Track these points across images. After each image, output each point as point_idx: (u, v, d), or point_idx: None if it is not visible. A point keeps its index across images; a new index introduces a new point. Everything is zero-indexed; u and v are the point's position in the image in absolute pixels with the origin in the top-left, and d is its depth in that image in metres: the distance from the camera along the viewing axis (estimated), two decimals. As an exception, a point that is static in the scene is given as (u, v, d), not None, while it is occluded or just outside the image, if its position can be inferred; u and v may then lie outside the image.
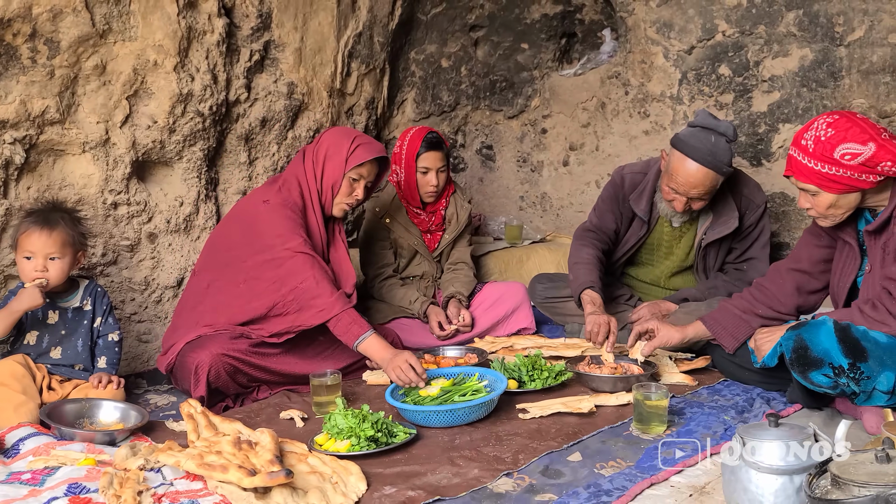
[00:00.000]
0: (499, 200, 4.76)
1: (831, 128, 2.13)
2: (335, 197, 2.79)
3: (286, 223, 2.64)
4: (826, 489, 1.36)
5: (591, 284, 2.87)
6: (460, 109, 4.63)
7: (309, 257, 2.61)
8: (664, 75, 3.86)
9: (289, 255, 2.59)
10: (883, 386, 2.03)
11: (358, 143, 2.77)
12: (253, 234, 2.65)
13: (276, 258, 2.60)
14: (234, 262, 2.67)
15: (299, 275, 2.57)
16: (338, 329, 2.55)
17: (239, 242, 2.68)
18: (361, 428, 2.10)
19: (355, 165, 2.74)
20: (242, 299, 2.65)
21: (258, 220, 2.67)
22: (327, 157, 2.76)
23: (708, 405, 2.44)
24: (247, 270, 2.65)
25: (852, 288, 2.39)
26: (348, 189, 2.78)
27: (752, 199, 3.04)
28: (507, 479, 1.94)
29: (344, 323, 2.54)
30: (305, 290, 2.56)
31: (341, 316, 2.54)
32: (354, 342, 2.53)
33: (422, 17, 4.25)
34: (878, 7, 3.17)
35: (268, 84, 3.32)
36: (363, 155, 2.75)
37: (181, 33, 2.85)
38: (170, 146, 2.94)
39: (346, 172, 2.74)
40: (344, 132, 2.85)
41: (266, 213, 2.66)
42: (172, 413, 2.51)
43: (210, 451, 1.90)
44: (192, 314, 2.68)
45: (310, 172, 2.78)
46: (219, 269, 2.70)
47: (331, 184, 2.77)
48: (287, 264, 2.59)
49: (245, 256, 2.65)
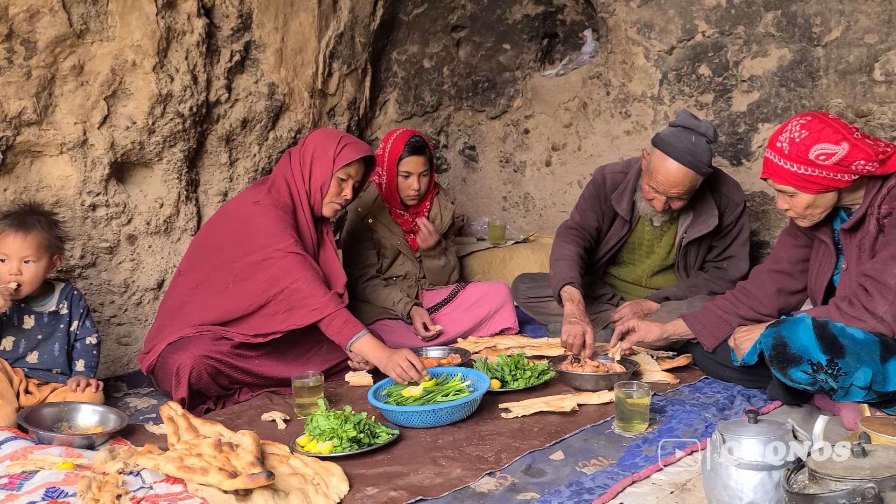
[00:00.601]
0: (482, 201, 4.76)
1: (805, 129, 2.16)
2: (324, 197, 2.78)
3: (278, 224, 2.64)
4: (804, 484, 1.38)
5: (570, 280, 2.88)
6: (443, 110, 4.63)
7: (300, 257, 2.60)
8: (645, 75, 3.88)
9: (280, 255, 2.59)
10: (860, 382, 2.05)
11: (345, 142, 2.77)
12: (244, 235, 2.64)
13: (267, 259, 2.59)
14: (223, 263, 2.66)
15: (291, 275, 2.57)
16: (331, 329, 2.55)
17: (229, 243, 2.67)
18: (344, 429, 2.10)
19: (343, 165, 2.74)
20: (231, 300, 2.63)
21: (250, 222, 2.66)
22: (314, 157, 2.76)
23: (689, 403, 2.46)
24: (237, 271, 2.63)
25: (829, 286, 2.42)
26: (337, 189, 2.78)
27: (732, 197, 3.06)
28: (490, 479, 1.94)
29: (337, 323, 2.53)
30: (297, 291, 2.55)
31: (334, 316, 2.53)
32: (348, 342, 2.52)
33: (403, 17, 4.25)
34: (854, 8, 3.20)
35: (248, 85, 3.30)
36: (350, 154, 2.75)
37: (160, 33, 2.83)
38: (149, 147, 2.91)
39: (334, 172, 2.74)
40: (330, 133, 2.86)
41: (257, 215, 2.66)
42: (152, 416, 2.49)
43: (190, 453, 1.89)
44: (178, 314, 2.66)
45: (297, 174, 2.77)
46: (207, 270, 2.68)
47: (319, 184, 2.76)
48: (279, 264, 2.58)
49: (235, 257, 2.64)
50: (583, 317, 2.76)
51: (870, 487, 1.24)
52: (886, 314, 2.10)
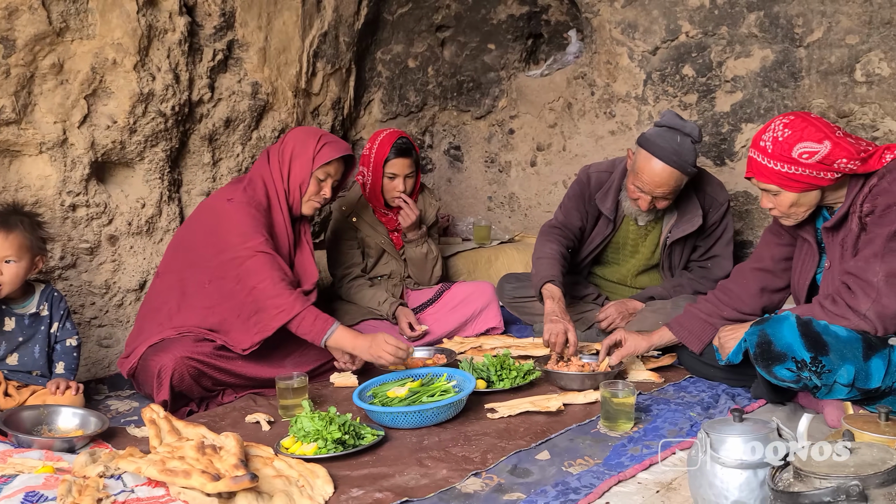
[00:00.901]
0: (467, 201, 4.76)
1: (788, 128, 2.17)
2: (303, 196, 2.76)
3: (249, 222, 2.61)
4: (789, 482, 1.38)
5: (551, 278, 2.88)
6: (427, 110, 4.62)
7: (269, 257, 2.58)
8: (629, 76, 3.89)
9: (249, 253, 2.56)
10: (843, 379, 2.06)
11: (324, 141, 2.75)
12: (216, 233, 2.62)
13: (236, 257, 2.57)
14: (199, 262, 2.63)
15: (257, 275, 2.54)
16: (302, 328, 2.53)
17: (202, 242, 2.64)
18: (328, 430, 2.08)
19: (322, 164, 2.72)
20: (211, 300, 2.61)
21: (222, 219, 2.63)
22: (293, 156, 2.74)
23: (674, 402, 2.47)
24: (213, 270, 2.61)
25: (812, 285, 2.43)
26: (316, 188, 2.76)
27: (716, 197, 3.08)
28: (476, 479, 1.93)
29: (308, 321, 2.52)
30: (263, 290, 2.53)
31: (304, 314, 2.52)
32: (322, 338, 2.51)
33: (388, 16, 4.24)
34: (835, 9, 3.23)
35: (232, 84, 3.28)
36: (330, 153, 2.74)
37: (141, 31, 2.80)
38: (130, 147, 2.88)
39: (313, 171, 2.72)
40: (309, 131, 2.83)
41: (230, 212, 2.63)
42: (134, 419, 2.46)
43: (173, 456, 1.86)
44: (157, 316, 2.63)
45: (276, 172, 2.75)
46: (184, 270, 2.66)
47: (298, 183, 2.74)
48: (246, 263, 2.56)
49: (210, 256, 2.62)
50: (563, 314, 2.76)
51: (854, 485, 1.24)
52: (869, 311, 2.12)
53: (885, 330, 2.13)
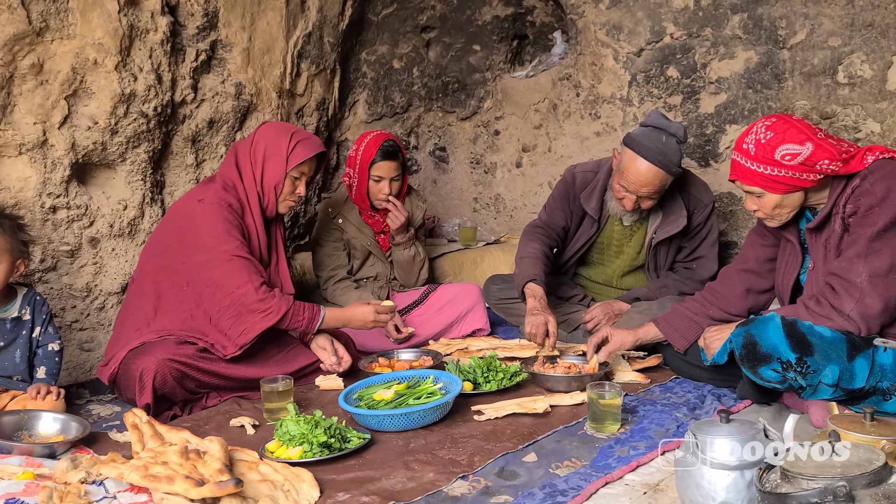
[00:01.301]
0: (452, 202, 4.75)
1: (770, 130, 2.19)
2: (279, 197, 2.72)
3: (222, 224, 2.57)
4: (776, 483, 1.38)
5: (533, 277, 2.89)
6: (413, 111, 4.61)
7: (245, 261, 2.55)
8: (614, 77, 3.90)
9: (225, 258, 2.53)
10: (828, 379, 2.07)
11: (297, 139, 2.69)
12: (188, 235, 2.57)
13: (210, 260, 2.54)
14: (173, 266, 2.59)
15: (237, 279, 2.52)
16: (293, 323, 2.57)
17: (174, 245, 2.60)
18: (314, 434, 2.06)
19: (296, 164, 2.68)
20: (189, 303, 2.58)
21: (193, 221, 2.59)
22: (266, 156, 2.68)
23: (660, 403, 2.47)
24: (188, 273, 2.58)
25: (796, 286, 2.45)
26: (291, 188, 2.72)
27: (700, 198, 3.09)
28: (463, 482, 1.92)
29: (298, 315, 2.58)
30: (245, 295, 2.51)
31: (292, 310, 2.56)
32: (316, 324, 2.61)
33: (372, 17, 4.22)
34: (818, 11, 3.25)
35: (215, 84, 3.25)
36: (304, 152, 2.68)
37: (122, 31, 2.77)
38: (112, 148, 2.85)
39: (287, 172, 2.68)
40: (280, 128, 2.75)
41: (201, 214, 2.58)
42: (116, 423, 2.43)
43: (155, 461, 1.84)
44: (134, 321, 2.59)
45: (248, 174, 2.69)
46: (158, 274, 2.62)
47: (273, 184, 2.69)
48: (223, 268, 2.53)
49: (184, 258, 2.58)
50: (545, 309, 2.77)
51: (841, 486, 1.25)
52: (853, 312, 2.13)
53: (868, 330, 2.14)
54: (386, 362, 2.88)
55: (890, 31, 3.08)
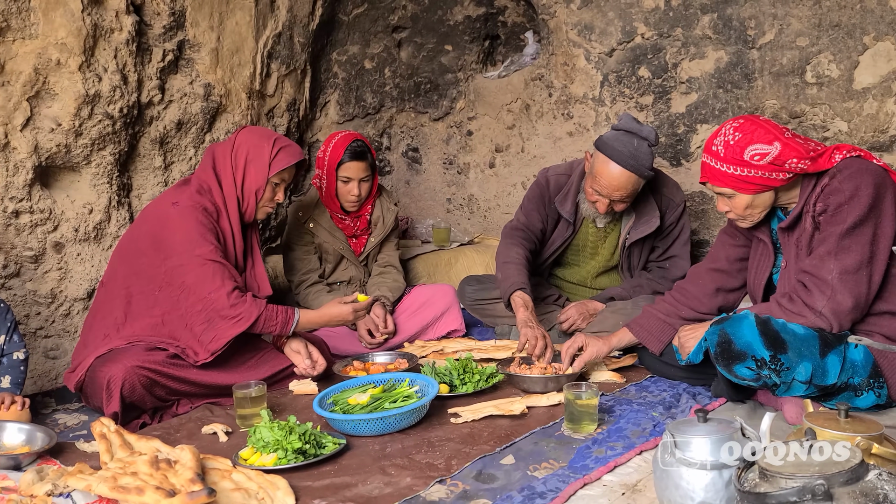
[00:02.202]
0: (426, 203, 4.73)
1: (738, 131, 2.20)
2: (258, 202, 2.69)
3: (197, 228, 2.53)
4: (754, 482, 1.38)
5: (521, 286, 2.86)
6: (385, 111, 4.58)
7: (219, 266, 2.51)
8: (586, 77, 3.91)
9: (198, 262, 2.49)
10: (801, 376, 2.09)
11: (279, 146, 2.67)
12: (162, 239, 2.52)
13: (182, 265, 2.49)
14: (144, 270, 2.54)
15: (209, 284, 2.47)
16: (266, 328, 2.54)
17: (148, 248, 2.55)
18: (288, 440, 2.03)
19: (278, 171, 2.65)
20: (161, 308, 2.53)
21: (167, 224, 2.54)
22: (248, 161, 2.65)
23: (636, 402, 2.47)
24: (161, 277, 2.53)
25: (768, 284, 2.47)
26: (271, 194, 2.70)
27: (672, 198, 3.11)
28: (441, 486, 1.90)
29: (271, 319, 2.55)
30: (218, 300, 2.47)
31: (264, 315, 2.53)
32: (291, 326, 2.59)
33: (343, 17, 4.18)
34: (786, 11, 3.29)
35: (183, 85, 3.19)
36: (287, 159, 2.66)
37: (86, 31, 2.70)
38: (76, 150, 2.78)
39: (269, 178, 2.65)
40: (262, 134, 2.73)
41: (175, 217, 2.54)
42: (83, 433, 2.37)
43: (125, 472, 1.79)
44: (102, 327, 2.53)
45: (227, 177, 2.65)
46: (129, 278, 2.56)
47: (254, 189, 2.66)
48: (196, 272, 2.48)
49: (157, 263, 2.53)
50: (538, 323, 2.75)
51: (819, 484, 1.25)
52: (825, 309, 2.15)
53: (840, 326, 2.17)
54: (361, 366, 2.85)
55: (856, 32, 3.13)
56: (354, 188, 3.18)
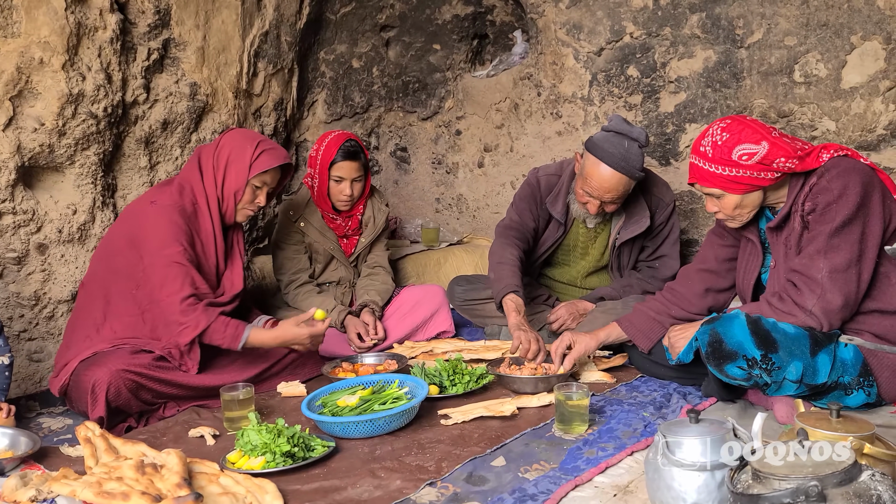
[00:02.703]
0: (414, 203, 4.71)
1: (725, 132, 2.20)
2: (238, 204, 2.65)
3: (169, 228, 2.49)
4: (748, 483, 1.37)
5: (514, 289, 2.83)
6: (373, 111, 4.56)
7: (181, 269, 2.46)
8: (575, 76, 3.90)
9: (163, 262, 2.45)
10: (792, 375, 2.09)
11: (262, 148, 2.63)
12: (137, 237, 2.50)
13: (153, 265, 2.46)
14: (122, 269, 2.51)
15: (167, 287, 2.44)
16: (215, 339, 2.46)
17: (125, 247, 2.52)
18: (276, 443, 2.01)
19: (259, 172, 2.61)
20: (140, 307, 2.49)
21: (142, 223, 2.51)
22: (229, 162, 2.61)
23: (627, 402, 2.46)
24: (137, 276, 2.50)
25: (757, 284, 2.47)
26: (251, 196, 2.66)
27: (662, 198, 3.10)
28: (431, 489, 1.88)
29: (219, 332, 2.45)
30: (169, 305, 2.43)
31: (213, 327, 2.44)
32: (239, 343, 2.46)
33: (331, 16, 4.16)
34: (774, 11, 3.29)
35: (168, 84, 3.15)
36: (268, 162, 2.62)
37: (69, 29, 2.66)
38: (60, 150, 2.74)
39: (249, 179, 2.61)
40: (246, 135, 2.70)
41: (150, 216, 2.51)
42: (68, 437, 2.34)
43: (110, 477, 1.76)
44: (83, 328, 2.50)
45: (209, 178, 2.62)
46: (108, 278, 2.53)
47: (233, 191, 2.62)
48: (160, 273, 2.45)
49: (134, 261, 2.50)
50: (530, 327, 2.74)
51: (813, 485, 1.24)
52: (815, 308, 2.15)
53: (829, 325, 2.17)
54: (350, 367, 2.83)
55: (844, 31, 3.13)
56: (347, 188, 3.16)
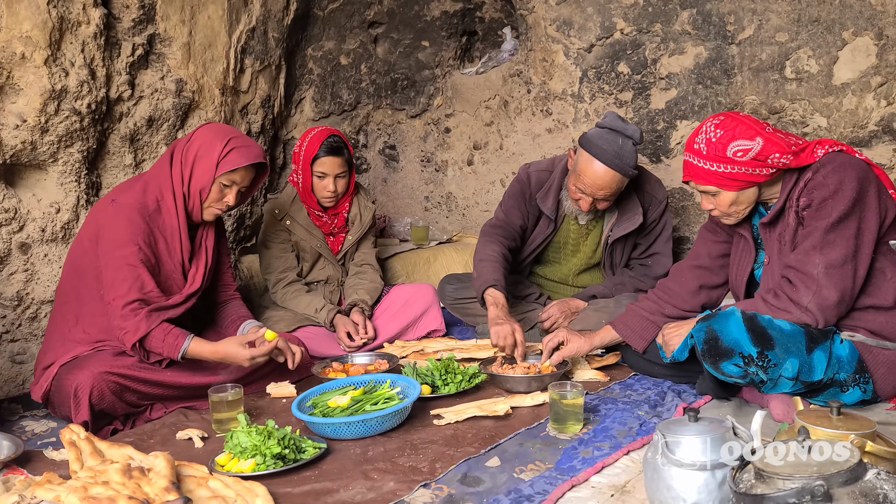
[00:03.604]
0: (403, 201, 4.67)
1: (719, 128, 2.18)
2: (204, 202, 2.54)
3: (125, 227, 2.41)
4: (750, 483, 1.34)
5: (493, 283, 2.82)
6: (361, 108, 4.51)
7: (132, 271, 2.38)
8: (565, 73, 3.88)
9: (116, 264, 2.38)
10: (788, 373, 2.08)
11: (232, 146, 2.49)
12: (98, 236, 2.43)
13: (107, 265, 2.39)
14: (86, 269, 2.45)
15: (117, 289, 2.37)
16: (154, 346, 2.37)
17: (89, 247, 2.45)
18: (267, 445, 1.97)
19: (227, 171, 2.49)
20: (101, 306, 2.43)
21: (103, 222, 2.44)
22: (197, 158, 2.49)
23: (621, 401, 2.44)
24: (98, 274, 2.43)
25: (750, 280, 2.45)
26: (218, 195, 2.52)
27: (655, 195, 3.08)
28: (425, 491, 1.85)
29: (157, 340, 2.36)
30: (113, 308, 2.36)
31: (153, 334, 2.36)
32: (178, 352, 2.37)
33: (318, 12, 4.11)
34: (765, 7, 3.28)
35: (154, 81, 3.09)
36: (236, 160, 2.48)
37: (52, 24, 2.60)
38: (42, 147, 2.68)
39: (216, 177, 2.49)
40: (218, 130, 2.56)
41: (109, 215, 2.43)
42: (52, 440, 2.28)
43: (96, 481, 1.72)
44: (57, 331, 2.45)
45: (176, 174, 2.51)
46: (78, 278, 2.47)
47: (199, 188, 2.50)
48: (112, 275, 2.38)
49: (93, 261, 2.44)
50: (508, 318, 2.70)
51: (819, 485, 1.22)
52: (811, 304, 2.14)
53: (825, 322, 2.15)
54: (340, 367, 2.79)
55: (835, 27, 3.13)
56: (330, 184, 3.12)
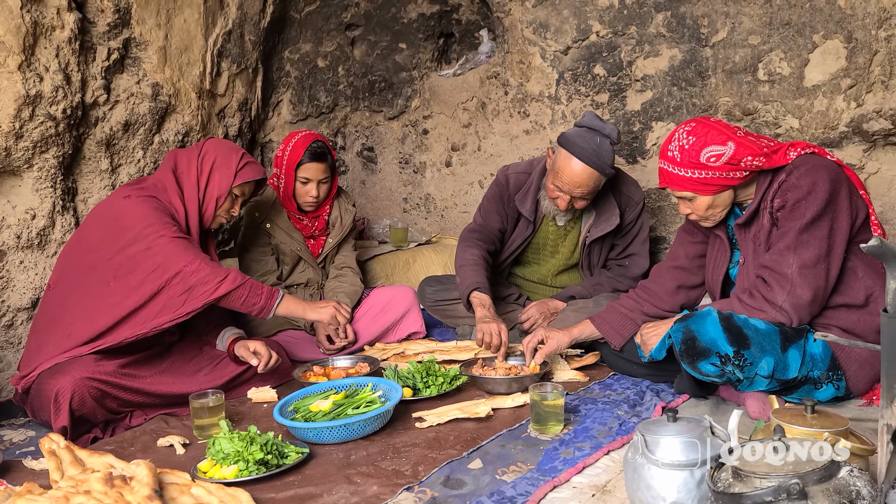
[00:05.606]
0: (382, 203, 4.67)
1: (691, 135, 2.22)
2: (217, 209, 2.66)
3: (154, 214, 2.48)
4: (728, 482, 1.37)
5: (477, 286, 2.86)
6: (339, 111, 4.51)
7: (188, 241, 2.49)
8: (542, 75, 3.90)
9: (165, 241, 2.44)
10: (764, 371, 2.11)
11: (246, 160, 2.72)
12: (117, 230, 2.45)
13: (150, 247, 2.43)
14: (98, 264, 2.45)
15: (183, 257, 2.43)
16: (250, 297, 2.50)
17: (100, 242, 2.46)
18: (249, 451, 1.96)
19: (243, 182, 2.67)
20: (116, 297, 2.42)
21: (122, 215, 2.47)
22: (215, 167, 2.64)
23: (601, 401, 2.47)
24: (116, 267, 2.43)
25: (726, 280, 2.49)
26: (230, 204, 2.70)
27: (632, 196, 3.12)
28: (409, 494, 1.86)
29: (255, 291, 2.51)
30: (196, 271, 2.42)
31: (247, 284, 2.49)
32: (273, 304, 2.54)
33: (295, 15, 4.10)
34: (738, 10, 3.33)
35: (130, 85, 3.07)
36: (252, 173, 2.70)
37: (25, 28, 2.58)
38: (17, 153, 2.65)
39: (232, 186, 2.66)
40: (231, 146, 2.75)
41: (129, 207, 2.48)
42: (31, 450, 2.26)
43: (77, 491, 1.70)
44: (57, 329, 2.42)
45: (190, 180, 2.62)
46: (80, 276, 2.46)
47: (216, 195, 2.65)
48: (166, 250, 2.43)
49: (111, 254, 2.44)
50: (495, 318, 2.75)
51: (794, 483, 1.25)
52: (785, 303, 2.18)
53: (799, 320, 2.19)
54: (321, 371, 2.78)
55: (806, 30, 3.18)
56: (313, 189, 3.12)
